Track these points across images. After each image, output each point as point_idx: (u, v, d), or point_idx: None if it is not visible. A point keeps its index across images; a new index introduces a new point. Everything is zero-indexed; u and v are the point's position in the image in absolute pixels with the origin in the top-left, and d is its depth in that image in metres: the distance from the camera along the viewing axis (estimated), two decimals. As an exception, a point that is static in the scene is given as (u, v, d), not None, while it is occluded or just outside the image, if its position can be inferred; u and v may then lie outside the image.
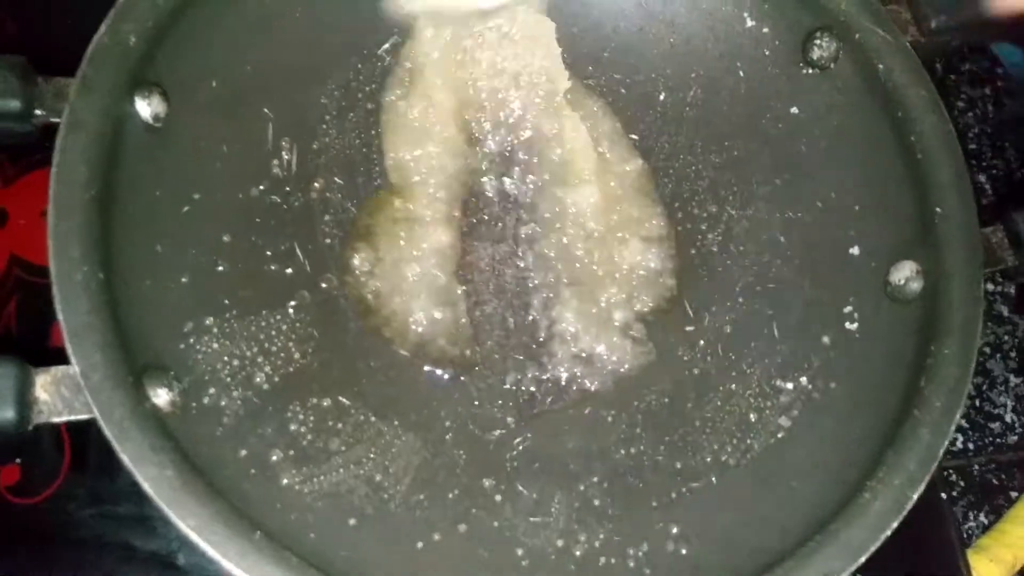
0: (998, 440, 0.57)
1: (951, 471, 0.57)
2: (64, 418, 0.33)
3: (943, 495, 0.53)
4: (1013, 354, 0.59)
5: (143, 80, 0.39)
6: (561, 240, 0.45)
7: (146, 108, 0.39)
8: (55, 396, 0.33)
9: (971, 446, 0.57)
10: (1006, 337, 0.60)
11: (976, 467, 0.57)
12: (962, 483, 0.57)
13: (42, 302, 0.47)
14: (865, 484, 0.37)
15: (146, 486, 0.31)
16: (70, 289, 0.34)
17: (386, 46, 0.48)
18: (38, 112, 0.37)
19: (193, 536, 0.31)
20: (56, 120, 0.37)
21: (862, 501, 0.36)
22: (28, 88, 0.37)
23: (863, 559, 0.35)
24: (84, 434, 0.46)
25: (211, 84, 0.43)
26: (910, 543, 0.38)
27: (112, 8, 0.38)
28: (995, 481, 0.57)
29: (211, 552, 0.31)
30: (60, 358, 0.33)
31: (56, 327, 0.47)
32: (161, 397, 0.35)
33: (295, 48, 0.46)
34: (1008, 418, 0.58)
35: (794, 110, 0.49)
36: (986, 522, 0.56)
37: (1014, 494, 0.56)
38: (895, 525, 0.36)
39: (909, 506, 0.36)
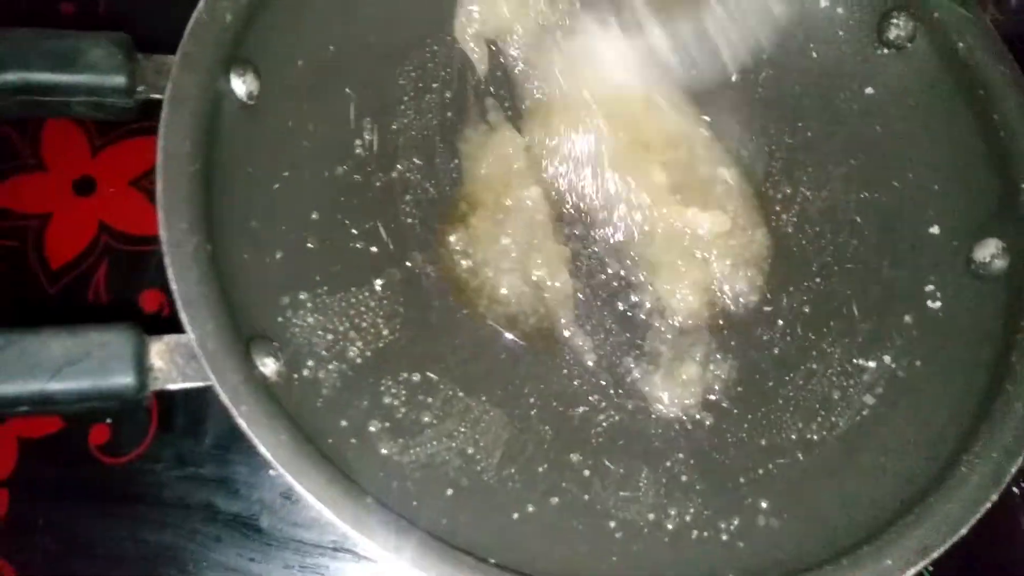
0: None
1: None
2: (179, 385, 0.34)
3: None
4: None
5: (238, 58, 0.39)
6: (648, 216, 0.46)
7: (241, 86, 0.40)
8: (170, 364, 0.34)
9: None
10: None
11: None
12: None
13: (130, 269, 0.50)
14: (961, 458, 0.37)
15: (264, 450, 0.32)
16: (182, 259, 0.34)
17: (469, 30, 0.49)
18: (140, 88, 0.38)
19: (311, 499, 0.32)
20: (156, 96, 0.38)
21: (959, 475, 0.36)
22: (131, 64, 0.37)
23: (963, 532, 0.35)
24: (171, 398, 0.46)
25: (297, 63, 0.43)
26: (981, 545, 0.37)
27: (209, -13, 0.39)
28: None
29: (328, 514, 0.32)
30: (153, 325, 0.34)
31: (145, 294, 0.49)
32: (268, 367, 0.35)
33: (374, 29, 0.47)
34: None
35: (869, 90, 0.49)
36: None
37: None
38: (994, 499, 0.36)
39: (1007, 479, 0.36)
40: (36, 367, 0.31)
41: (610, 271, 0.46)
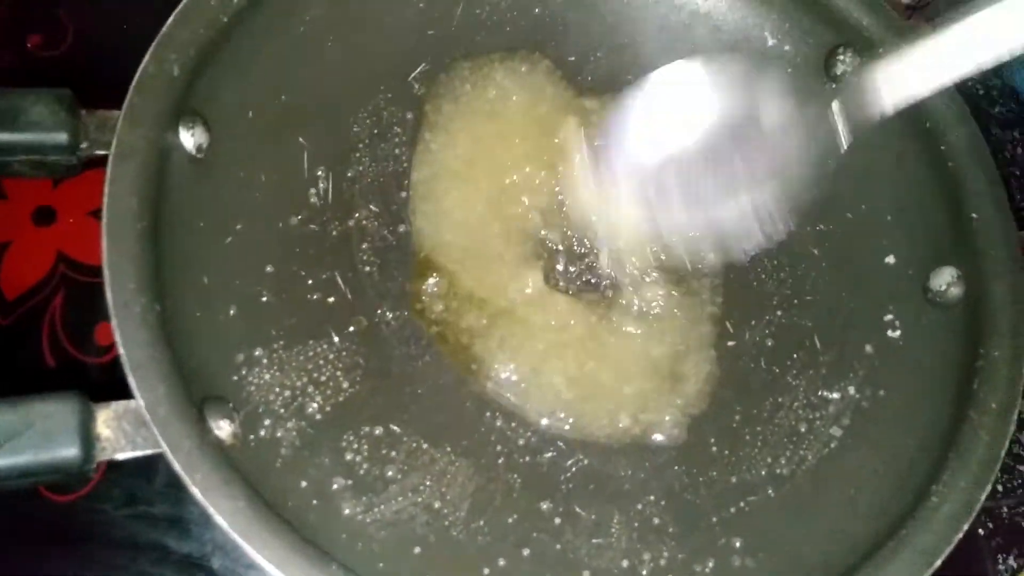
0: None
1: (980, 514, 0.55)
2: (128, 454, 0.32)
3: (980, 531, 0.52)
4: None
5: (186, 110, 0.39)
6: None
7: (190, 139, 0.39)
8: (118, 432, 0.32)
9: (1000, 488, 0.54)
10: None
11: (1005, 509, 0.55)
12: (991, 525, 0.54)
13: (87, 300, 0.49)
14: (931, 489, 0.37)
15: (220, 519, 0.31)
16: (130, 321, 0.33)
17: (415, 73, 0.49)
18: (83, 145, 0.37)
19: (271, 569, 0.30)
20: (100, 152, 0.37)
21: (931, 505, 0.36)
22: (74, 120, 0.36)
23: (937, 564, 0.35)
24: None
25: (248, 115, 0.43)
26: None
27: (155, 38, 0.38)
28: None
29: (291, 585, 0.30)
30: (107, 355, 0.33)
31: (101, 327, 0.48)
32: (223, 429, 0.34)
33: (327, 78, 0.46)
34: (1039, 461, 0.56)
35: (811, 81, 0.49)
36: (1015, 565, 0.53)
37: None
38: (966, 528, 0.36)
39: (978, 508, 0.36)
40: (-26, 443, 0.30)
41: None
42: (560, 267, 0.47)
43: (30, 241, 0.50)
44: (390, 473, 0.39)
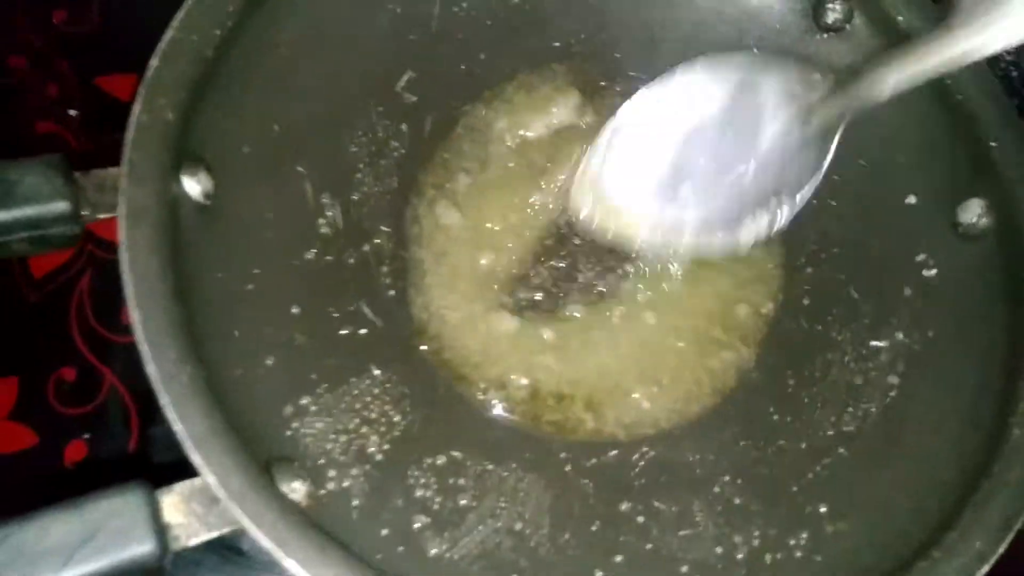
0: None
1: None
2: (203, 538, 0.29)
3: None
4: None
5: (187, 156, 0.36)
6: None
7: (195, 186, 0.36)
8: (188, 516, 0.29)
9: None
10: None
11: None
12: None
13: (114, 278, 0.45)
14: (1008, 421, 0.37)
15: (326, 591, 0.28)
16: (181, 394, 0.30)
17: (402, 82, 0.46)
18: (84, 211, 0.34)
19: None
20: (103, 216, 0.34)
21: (1014, 437, 0.36)
22: (70, 186, 0.33)
23: (1044, 488, 0.35)
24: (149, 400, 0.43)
25: (243, 150, 0.40)
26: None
27: (141, 85, 0.35)
28: None
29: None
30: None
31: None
32: (298, 491, 0.32)
33: (314, 100, 0.43)
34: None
35: (816, 76, 0.49)
36: None
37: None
38: (1055, 455, 0.36)
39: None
40: (43, 559, 0.27)
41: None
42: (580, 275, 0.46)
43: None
44: (464, 502, 0.38)
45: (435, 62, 0.47)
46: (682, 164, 0.41)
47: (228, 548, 0.42)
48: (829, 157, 0.39)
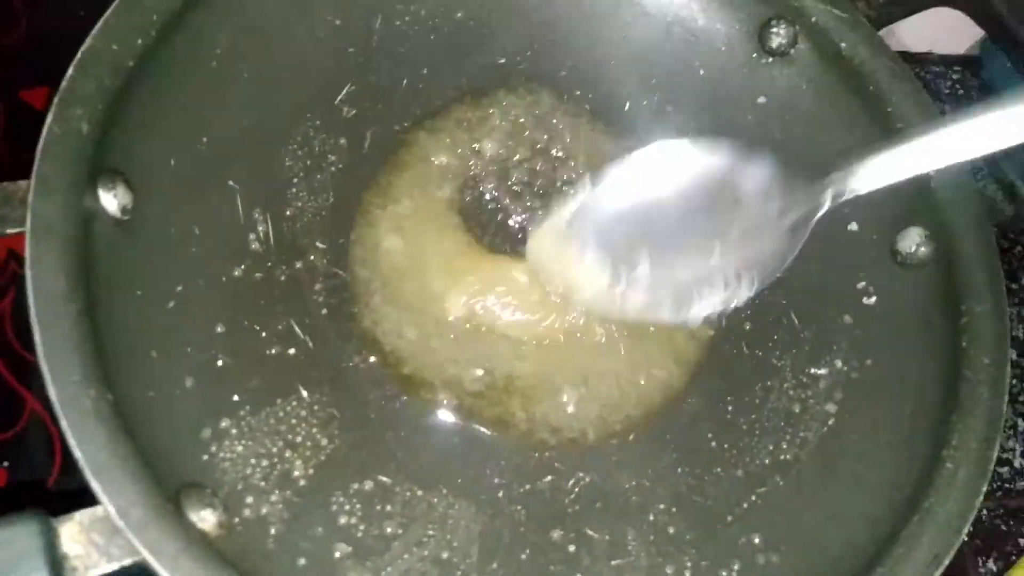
0: (1007, 485, 0.55)
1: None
2: (103, 569, 0.28)
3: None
4: (1022, 398, 0.58)
5: (103, 169, 0.34)
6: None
7: (112, 201, 0.35)
8: (88, 546, 0.28)
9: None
10: (1015, 381, 0.58)
11: (985, 512, 0.55)
12: (970, 528, 0.54)
13: None
14: (942, 455, 0.37)
15: (227, 627, 0.27)
16: (82, 419, 0.29)
17: (341, 95, 0.45)
18: (-9, 226, 0.32)
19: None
20: (12, 230, 0.33)
21: (946, 472, 0.36)
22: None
23: (965, 531, 0.34)
24: None
25: (170, 163, 0.39)
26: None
27: (56, 95, 0.34)
28: (1003, 527, 0.54)
29: None
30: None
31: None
32: (207, 520, 0.31)
33: (248, 112, 0.42)
34: (1017, 463, 0.56)
35: (761, 100, 0.49)
36: (995, 568, 0.53)
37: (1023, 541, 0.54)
38: (984, 490, 0.35)
39: (991, 467, 0.36)
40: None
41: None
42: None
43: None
44: (390, 530, 0.36)
45: (376, 76, 0.46)
46: (645, 241, 0.40)
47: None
48: (799, 248, 0.39)
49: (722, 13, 0.49)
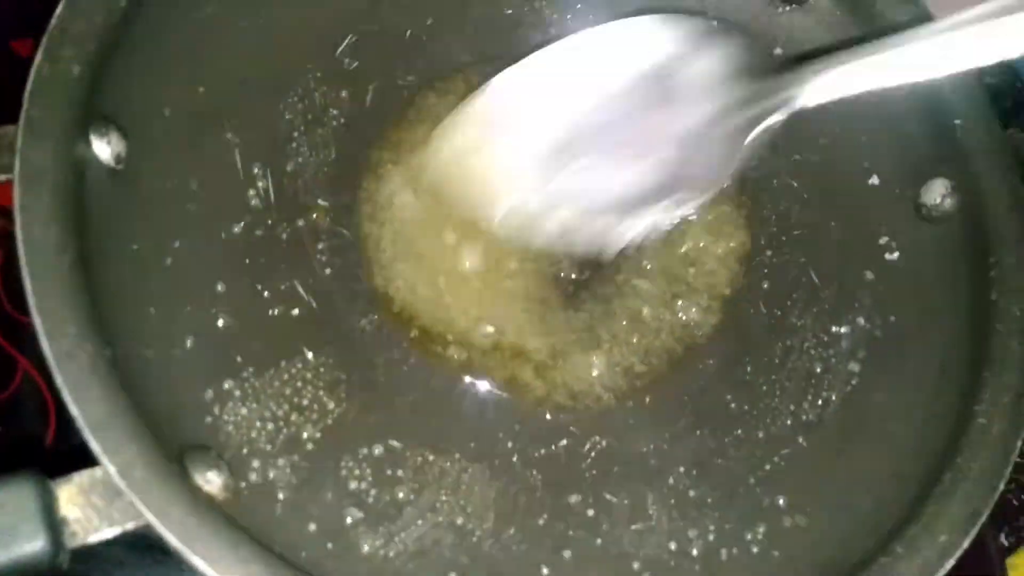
0: (1019, 460, 0.54)
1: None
2: (105, 534, 0.26)
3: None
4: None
5: (95, 115, 0.32)
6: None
7: (105, 148, 0.33)
8: (87, 509, 0.26)
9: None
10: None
11: None
12: None
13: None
14: (973, 410, 0.35)
15: (237, 592, 0.25)
16: (78, 374, 0.27)
17: (343, 47, 0.43)
18: (-26, 170, 0.30)
19: (309, 638, 0.26)
20: (1, 178, 0.30)
21: (978, 427, 0.35)
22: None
23: (1000, 487, 0.33)
24: None
25: (165, 112, 0.36)
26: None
27: (44, 34, 0.32)
28: (1015, 502, 0.53)
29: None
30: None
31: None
32: (212, 483, 0.29)
33: (246, 61, 0.40)
34: (1030, 437, 0.55)
35: (777, 51, 0.47)
36: (1006, 544, 0.52)
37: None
38: (1019, 445, 0.34)
39: (1026, 423, 0.35)
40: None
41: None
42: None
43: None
44: (402, 495, 0.35)
45: (379, 25, 0.44)
46: (579, 135, 0.36)
47: (152, 547, 0.39)
48: (738, 159, 0.35)
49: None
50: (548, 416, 0.40)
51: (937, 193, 0.42)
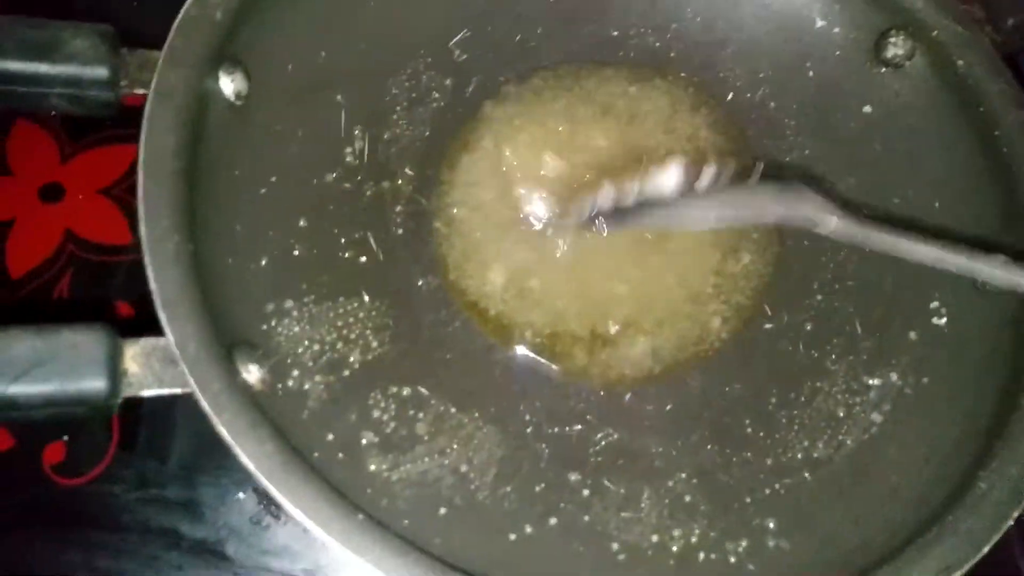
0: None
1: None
2: (154, 391, 0.31)
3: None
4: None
5: (227, 56, 0.38)
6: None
7: (229, 84, 0.38)
8: (145, 368, 0.31)
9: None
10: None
11: None
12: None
13: (96, 279, 0.47)
14: (978, 475, 0.36)
15: (247, 461, 0.30)
16: (163, 257, 0.32)
17: (456, 39, 0.48)
18: (123, 82, 0.36)
19: (297, 514, 0.29)
20: (139, 91, 0.36)
21: (978, 492, 0.35)
22: (115, 57, 0.36)
23: (985, 550, 0.33)
24: (135, 412, 0.44)
25: (287, 67, 0.42)
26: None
27: (200, -18, 0.38)
28: None
29: (316, 530, 0.29)
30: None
31: (112, 306, 0.47)
32: (252, 374, 0.33)
33: (367, 37, 0.45)
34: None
35: (867, 109, 0.48)
36: None
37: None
38: (1015, 515, 0.34)
39: (1028, 495, 0.35)
40: (-1, 367, 0.29)
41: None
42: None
43: (37, 218, 0.49)
44: (417, 433, 0.38)
45: (492, 27, 0.48)
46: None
47: (212, 553, 0.43)
48: None
49: (842, 17, 0.49)
50: (570, 402, 0.42)
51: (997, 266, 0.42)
